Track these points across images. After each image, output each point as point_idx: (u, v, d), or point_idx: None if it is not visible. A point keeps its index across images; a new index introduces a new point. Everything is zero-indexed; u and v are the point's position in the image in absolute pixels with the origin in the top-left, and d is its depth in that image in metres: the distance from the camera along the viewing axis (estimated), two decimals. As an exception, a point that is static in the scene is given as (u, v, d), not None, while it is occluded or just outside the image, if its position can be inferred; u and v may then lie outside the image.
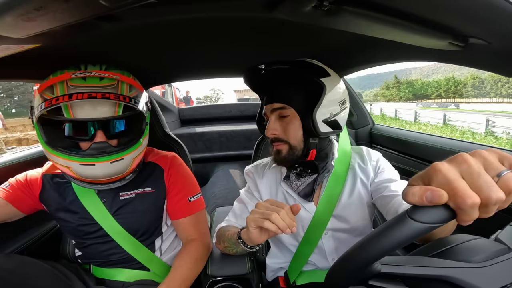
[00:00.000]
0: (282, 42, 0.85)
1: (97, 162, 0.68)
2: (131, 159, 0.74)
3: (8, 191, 0.79)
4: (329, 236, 0.78)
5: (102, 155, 0.69)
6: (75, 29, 0.48)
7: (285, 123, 0.73)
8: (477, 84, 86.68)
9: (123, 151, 0.71)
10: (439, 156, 1.23)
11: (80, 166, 0.68)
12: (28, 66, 0.77)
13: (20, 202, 0.80)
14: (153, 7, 0.49)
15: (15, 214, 0.81)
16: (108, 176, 0.72)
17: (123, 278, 0.84)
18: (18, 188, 0.80)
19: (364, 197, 0.77)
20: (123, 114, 0.71)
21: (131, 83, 0.76)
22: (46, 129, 0.70)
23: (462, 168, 0.30)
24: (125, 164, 0.73)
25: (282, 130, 0.73)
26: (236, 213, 0.84)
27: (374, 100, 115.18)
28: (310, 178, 0.78)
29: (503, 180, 0.29)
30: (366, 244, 0.38)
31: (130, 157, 0.74)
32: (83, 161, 0.68)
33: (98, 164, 0.69)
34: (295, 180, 0.79)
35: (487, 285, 0.35)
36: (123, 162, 0.72)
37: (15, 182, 0.81)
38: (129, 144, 0.74)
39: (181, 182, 0.88)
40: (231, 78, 1.44)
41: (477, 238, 0.43)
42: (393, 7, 0.44)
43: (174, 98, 10.29)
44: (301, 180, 0.78)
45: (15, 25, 0.37)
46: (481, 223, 0.63)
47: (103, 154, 0.69)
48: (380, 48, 0.84)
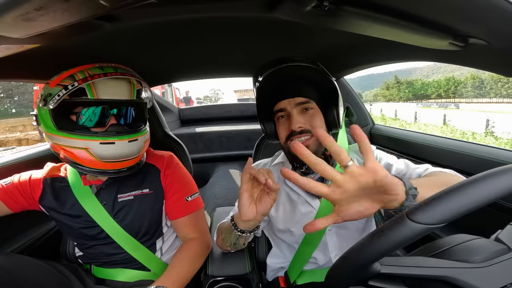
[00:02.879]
0: (282, 42, 0.85)
1: (117, 140, 0.73)
2: (143, 142, 0.80)
3: (5, 188, 0.79)
4: (333, 232, 0.78)
5: (120, 134, 0.74)
6: (75, 29, 0.48)
7: (309, 115, 0.73)
8: (477, 84, 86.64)
9: (137, 132, 0.78)
10: (439, 156, 1.23)
11: (99, 146, 0.71)
12: (28, 66, 0.77)
13: (14, 202, 0.80)
14: (153, 7, 0.49)
15: (3, 212, 0.81)
16: (126, 156, 0.75)
17: (124, 278, 0.84)
18: (17, 188, 0.80)
19: None
20: (137, 99, 0.79)
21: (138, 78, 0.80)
22: (57, 118, 0.72)
23: None
24: (139, 146, 0.78)
25: (308, 122, 0.73)
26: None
27: (374, 100, 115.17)
28: (316, 175, 0.78)
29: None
30: (366, 244, 0.38)
31: (143, 139, 0.80)
32: (103, 139, 0.71)
33: (118, 142, 0.73)
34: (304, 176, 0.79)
35: (487, 285, 0.35)
36: (138, 143, 0.77)
37: (17, 181, 0.81)
38: (139, 128, 0.80)
39: (178, 182, 0.88)
40: (231, 78, 1.44)
41: (477, 238, 0.43)
42: (393, 7, 0.44)
43: (174, 98, 10.28)
44: (309, 177, 0.79)
45: (15, 25, 0.37)
46: (481, 223, 0.63)
47: (121, 134, 0.74)
48: (380, 48, 0.84)
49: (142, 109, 0.84)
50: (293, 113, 0.72)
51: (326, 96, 0.76)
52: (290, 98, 0.73)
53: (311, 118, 0.73)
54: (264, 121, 0.82)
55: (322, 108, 0.75)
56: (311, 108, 0.73)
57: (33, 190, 0.81)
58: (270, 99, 0.77)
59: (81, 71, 0.71)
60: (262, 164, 0.89)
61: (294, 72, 0.74)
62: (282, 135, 0.76)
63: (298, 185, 0.44)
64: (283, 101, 0.74)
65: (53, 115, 0.71)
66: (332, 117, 0.75)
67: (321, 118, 0.75)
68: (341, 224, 0.77)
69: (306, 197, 0.79)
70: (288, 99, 0.73)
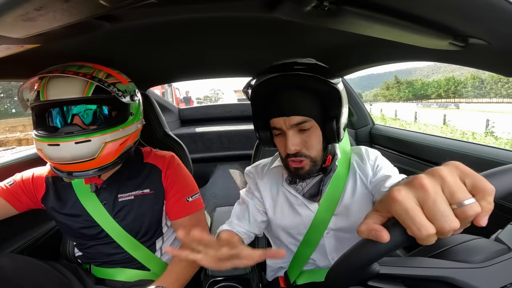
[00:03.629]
0: (282, 42, 0.85)
1: (61, 141, 0.68)
2: (101, 143, 0.71)
3: (9, 189, 0.79)
4: (331, 235, 0.78)
5: (67, 135, 0.69)
6: (75, 29, 0.48)
7: (306, 136, 0.68)
8: (477, 84, 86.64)
9: (90, 133, 0.70)
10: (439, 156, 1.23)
11: (48, 147, 0.70)
12: (28, 66, 0.77)
13: (19, 202, 0.80)
14: (153, 7, 0.49)
15: (9, 213, 0.81)
16: (75, 158, 0.70)
17: (124, 278, 0.84)
18: (20, 187, 0.80)
19: (365, 196, 0.77)
20: (92, 96, 0.71)
21: (111, 72, 0.76)
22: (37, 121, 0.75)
23: (418, 194, 0.30)
24: (94, 147, 0.70)
25: (303, 144, 0.68)
26: (238, 215, 0.84)
27: (374, 100, 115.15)
28: (315, 179, 0.78)
29: (462, 211, 0.28)
30: (365, 245, 0.38)
31: (100, 140, 0.71)
32: (49, 141, 0.69)
33: (63, 144, 0.68)
34: (299, 181, 0.79)
35: (487, 285, 0.35)
36: (91, 144, 0.70)
37: (20, 181, 0.81)
38: (100, 127, 0.72)
39: (179, 182, 0.88)
40: (231, 78, 1.44)
41: (477, 238, 0.43)
42: (393, 7, 0.44)
43: (174, 98, 10.28)
44: (306, 181, 0.78)
45: (15, 25, 0.37)
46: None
47: (69, 135, 0.69)
48: (380, 48, 0.84)
49: (113, 108, 0.77)
50: (289, 134, 0.67)
51: (327, 107, 0.68)
52: (286, 117, 0.66)
53: (307, 139, 0.68)
54: (259, 129, 0.76)
55: (321, 122, 0.68)
56: (307, 128, 0.67)
57: (36, 190, 0.82)
58: (264, 111, 0.71)
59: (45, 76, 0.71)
60: (261, 165, 0.89)
61: (293, 81, 0.66)
62: (281, 151, 0.73)
63: None
64: (278, 119, 0.67)
65: (35, 120, 0.74)
66: (331, 132, 0.68)
67: (319, 136, 0.69)
68: (339, 227, 0.77)
69: (303, 200, 0.79)
70: (284, 117, 0.66)
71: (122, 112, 0.77)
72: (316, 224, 0.77)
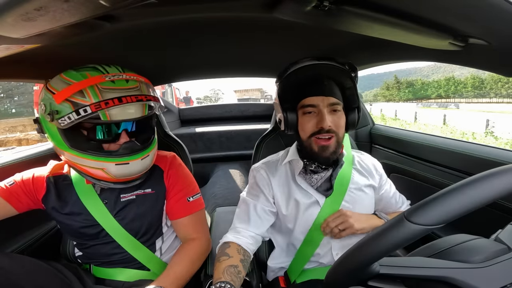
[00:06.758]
0: (282, 42, 0.85)
1: (131, 160, 0.74)
2: (153, 155, 0.81)
3: (9, 189, 0.79)
4: None
5: (133, 153, 0.74)
6: (75, 29, 0.48)
7: (336, 117, 0.76)
8: (477, 84, 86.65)
9: (147, 148, 0.78)
10: (439, 156, 1.23)
11: (115, 167, 0.73)
12: (28, 66, 0.77)
13: (19, 202, 0.80)
14: (153, 7, 0.49)
15: (9, 213, 0.80)
16: (140, 172, 0.77)
17: (123, 278, 0.84)
18: (20, 187, 0.80)
19: (368, 193, 0.82)
20: (149, 113, 0.77)
21: (148, 82, 0.79)
22: (68, 135, 0.71)
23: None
24: (150, 160, 0.79)
25: (334, 123, 0.75)
26: (243, 219, 0.82)
27: (374, 100, 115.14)
28: (327, 173, 0.80)
29: None
30: (365, 245, 0.38)
31: (153, 153, 0.80)
32: (118, 161, 0.73)
33: (132, 162, 0.74)
34: (313, 174, 0.81)
35: (487, 285, 0.35)
36: (149, 158, 0.78)
37: (20, 181, 0.81)
38: (149, 141, 0.80)
39: (181, 182, 0.88)
40: (231, 78, 1.44)
41: (477, 238, 0.43)
42: (393, 7, 0.44)
43: (174, 98, 10.27)
44: (320, 175, 0.80)
45: (15, 25, 0.37)
46: (481, 223, 0.63)
47: (135, 153, 0.74)
48: (380, 48, 0.85)
49: (150, 119, 0.83)
50: (324, 112, 0.74)
51: (351, 99, 0.81)
52: (324, 97, 0.75)
53: (338, 119, 0.76)
54: (287, 110, 0.80)
55: (345, 110, 0.79)
56: (338, 110, 0.77)
57: (37, 190, 0.81)
58: (299, 91, 0.79)
59: (91, 87, 0.67)
60: (271, 161, 0.88)
61: (330, 72, 0.78)
62: (307, 130, 0.77)
63: None
64: (316, 97, 0.75)
65: (63, 132, 0.71)
66: (353, 119, 0.80)
67: (344, 120, 0.78)
68: None
69: (315, 194, 0.80)
70: (322, 96, 0.75)
71: (152, 122, 0.84)
72: (319, 222, 0.77)
